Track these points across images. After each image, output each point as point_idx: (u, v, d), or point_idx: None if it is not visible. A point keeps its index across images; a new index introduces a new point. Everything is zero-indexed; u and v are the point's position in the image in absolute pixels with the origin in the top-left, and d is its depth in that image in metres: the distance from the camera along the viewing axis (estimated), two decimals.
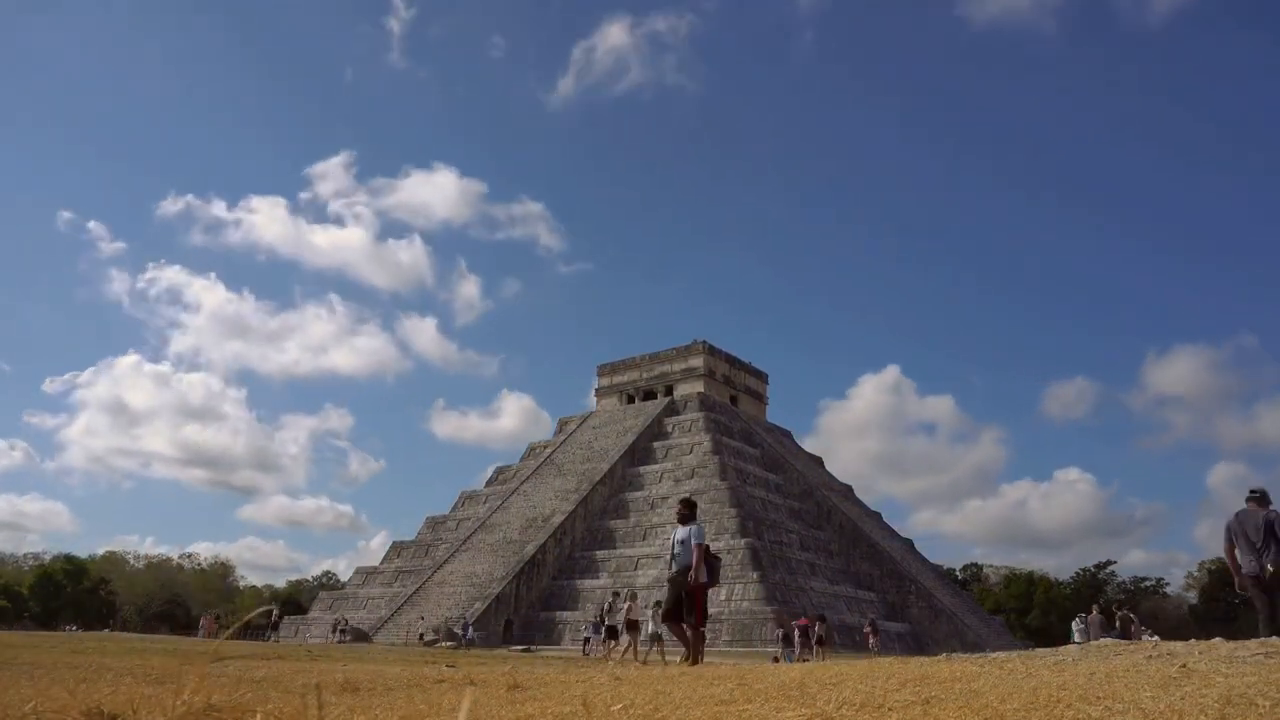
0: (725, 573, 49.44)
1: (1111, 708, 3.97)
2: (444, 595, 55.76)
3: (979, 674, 5.69)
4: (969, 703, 4.29)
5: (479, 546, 60.77)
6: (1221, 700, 3.96)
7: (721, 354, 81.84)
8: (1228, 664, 5.68)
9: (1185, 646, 7.58)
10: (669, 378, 79.58)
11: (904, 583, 59.78)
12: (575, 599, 54.10)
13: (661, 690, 5.58)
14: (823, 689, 5.16)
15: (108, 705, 3.84)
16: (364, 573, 64.44)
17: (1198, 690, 4.32)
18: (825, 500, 67.08)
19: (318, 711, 4.11)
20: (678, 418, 72.20)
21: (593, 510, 62.29)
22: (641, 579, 52.75)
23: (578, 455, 70.64)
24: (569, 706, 4.88)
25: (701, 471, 61.33)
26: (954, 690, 4.79)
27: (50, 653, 13.50)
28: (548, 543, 57.91)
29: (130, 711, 3.82)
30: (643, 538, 57.55)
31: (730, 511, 54.40)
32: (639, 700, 5.02)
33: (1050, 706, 4.06)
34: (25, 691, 5.56)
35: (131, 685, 6.49)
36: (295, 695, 5.85)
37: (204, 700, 3.40)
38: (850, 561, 61.75)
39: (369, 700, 5.74)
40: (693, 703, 4.83)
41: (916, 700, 4.49)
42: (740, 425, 74.37)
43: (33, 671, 8.51)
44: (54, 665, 9.94)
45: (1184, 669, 5.43)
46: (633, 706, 4.77)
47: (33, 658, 11.61)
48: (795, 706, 4.48)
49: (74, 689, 5.23)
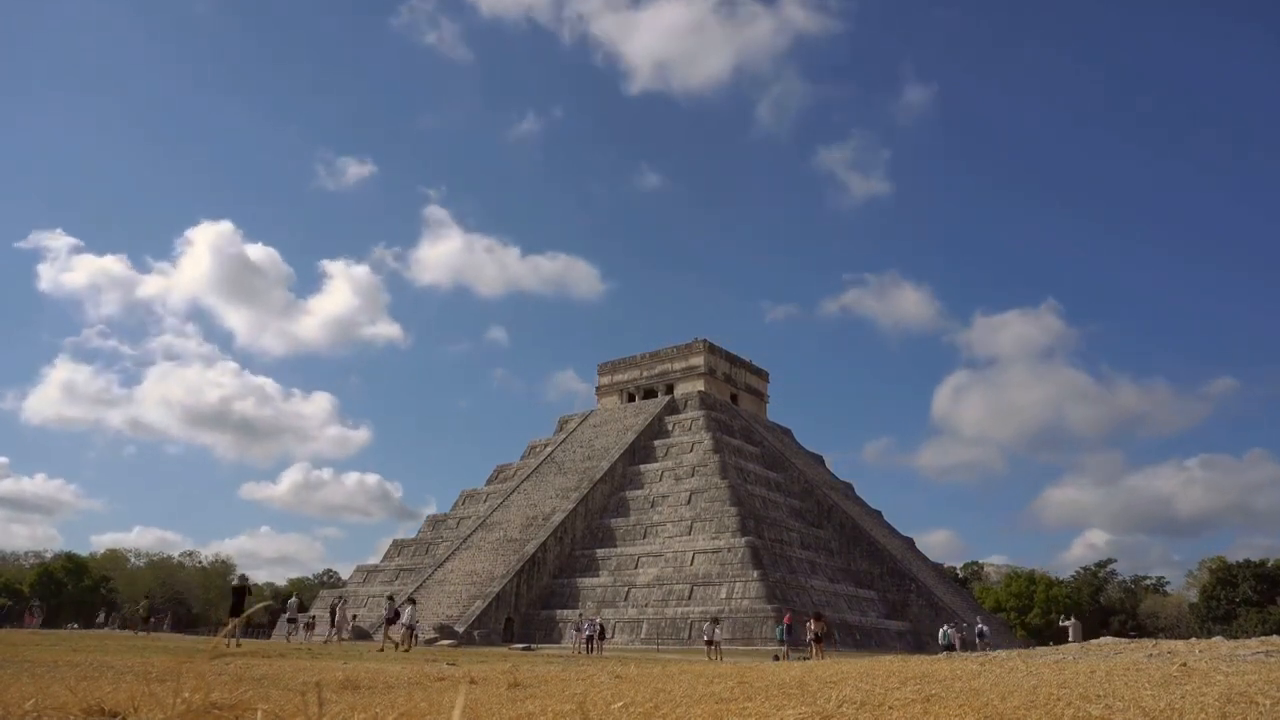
0: (726, 571, 49.54)
1: (1112, 706, 3.97)
2: (445, 593, 55.77)
3: (979, 672, 5.68)
4: (969, 701, 4.29)
5: (480, 545, 60.79)
6: (1222, 698, 3.96)
7: (722, 352, 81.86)
8: (1228, 662, 5.67)
9: (1186, 645, 7.58)
10: (669, 376, 79.59)
11: (904, 581, 59.79)
12: (575, 597, 54.13)
13: (662, 688, 5.57)
14: (823, 687, 5.15)
15: (108, 703, 3.84)
16: (365, 571, 64.48)
17: (1198, 688, 4.31)
18: (826, 498, 67.09)
19: (318, 709, 4.11)
20: (678, 416, 72.22)
21: (593, 509, 62.30)
22: (641, 577, 52.79)
23: (578, 454, 70.65)
24: (569, 705, 4.88)
25: (702, 470, 61.34)
26: (954, 688, 4.78)
27: (51, 650, 13.51)
28: (548, 541, 57.93)
29: (131, 709, 3.82)
30: (643, 536, 57.58)
31: (731, 510, 54.41)
32: (639, 698, 5.01)
33: (1050, 705, 4.06)
34: (26, 689, 5.56)
35: (132, 683, 6.49)
36: (295, 693, 5.85)
37: (204, 698, 3.40)
38: (851, 560, 61.76)
39: (369, 698, 5.74)
40: (693, 700, 4.83)
41: (917, 698, 4.48)
42: (741, 423, 74.38)
43: (34, 669, 8.51)
44: (54, 663, 9.94)
45: (1184, 667, 5.42)
46: (633, 705, 4.77)
47: (33, 655, 11.62)
48: (795, 705, 4.48)
49: (74, 686, 5.23)
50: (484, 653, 27.97)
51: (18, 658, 10.87)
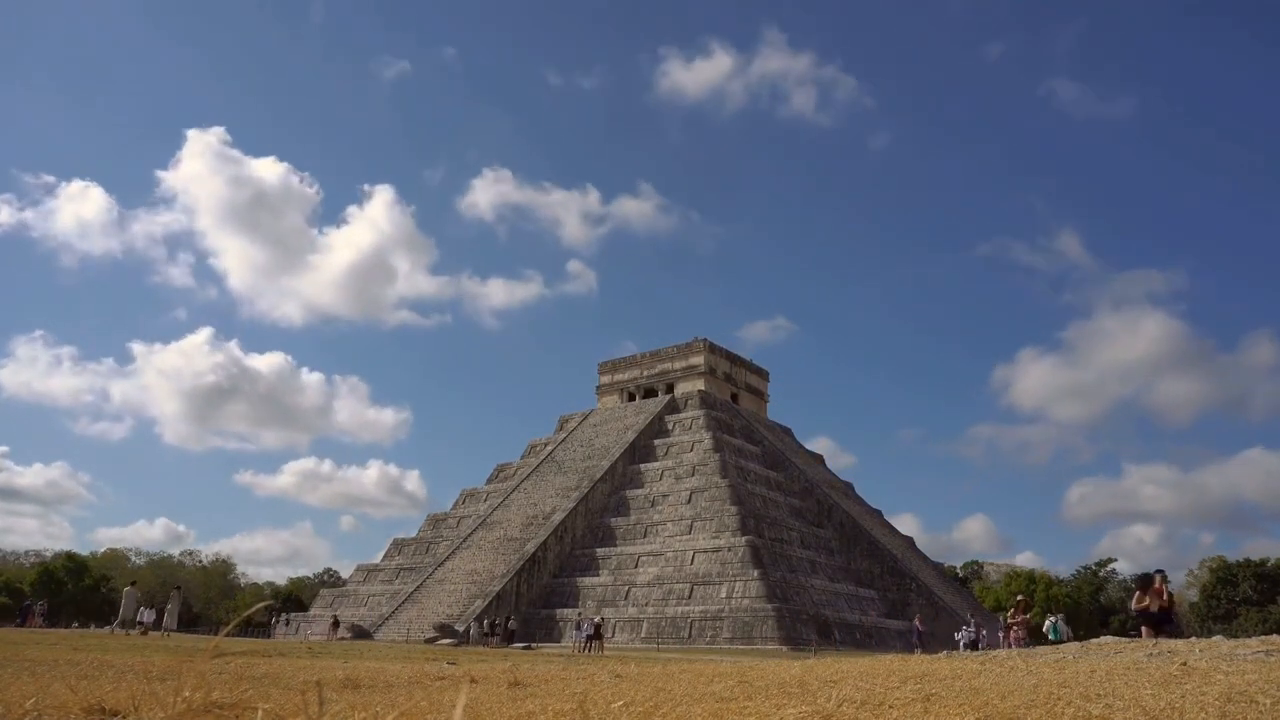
0: (726, 570, 49.53)
1: (1112, 705, 3.97)
2: (445, 593, 55.79)
3: (980, 671, 5.68)
4: (969, 700, 4.29)
5: (480, 544, 60.80)
6: (1222, 698, 3.96)
7: (722, 351, 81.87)
8: (1228, 661, 5.67)
9: (1186, 644, 7.58)
10: (670, 375, 79.60)
11: (904, 580, 59.80)
12: (576, 596, 54.14)
13: (662, 687, 5.57)
14: (823, 686, 5.15)
15: (109, 702, 3.84)
16: (365, 570, 64.50)
17: (1198, 688, 4.31)
18: (826, 498, 67.10)
19: (318, 708, 4.11)
20: (678, 415, 72.22)
21: (593, 508, 62.32)
22: (642, 576, 52.79)
23: (578, 453, 70.66)
24: (569, 704, 4.88)
25: (702, 469, 61.35)
26: (954, 688, 4.78)
27: (52, 649, 13.51)
28: (548, 540, 57.93)
29: (131, 708, 3.82)
30: (643, 535, 57.58)
31: (731, 509, 54.42)
32: (639, 697, 5.01)
33: (1050, 704, 4.06)
34: (27, 688, 5.56)
35: (133, 682, 6.49)
36: (296, 692, 5.85)
37: (204, 697, 3.40)
38: (851, 559, 61.77)
39: (369, 697, 5.74)
40: (693, 699, 4.83)
41: (917, 698, 4.48)
42: (741, 423, 74.39)
43: (34, 668, 8.51)
44: (55, 662, 9.95)
45: (1185, 667, 5.42)
46: (633, 704, 4.77)
47: (34, 654, 11.62)
48: (795, 704, 4.48)
49: (75, 685, 5.23)
50: (484, 652, 28.00)
51: (18, 657, 10.87)
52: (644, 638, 47.94)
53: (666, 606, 49.46)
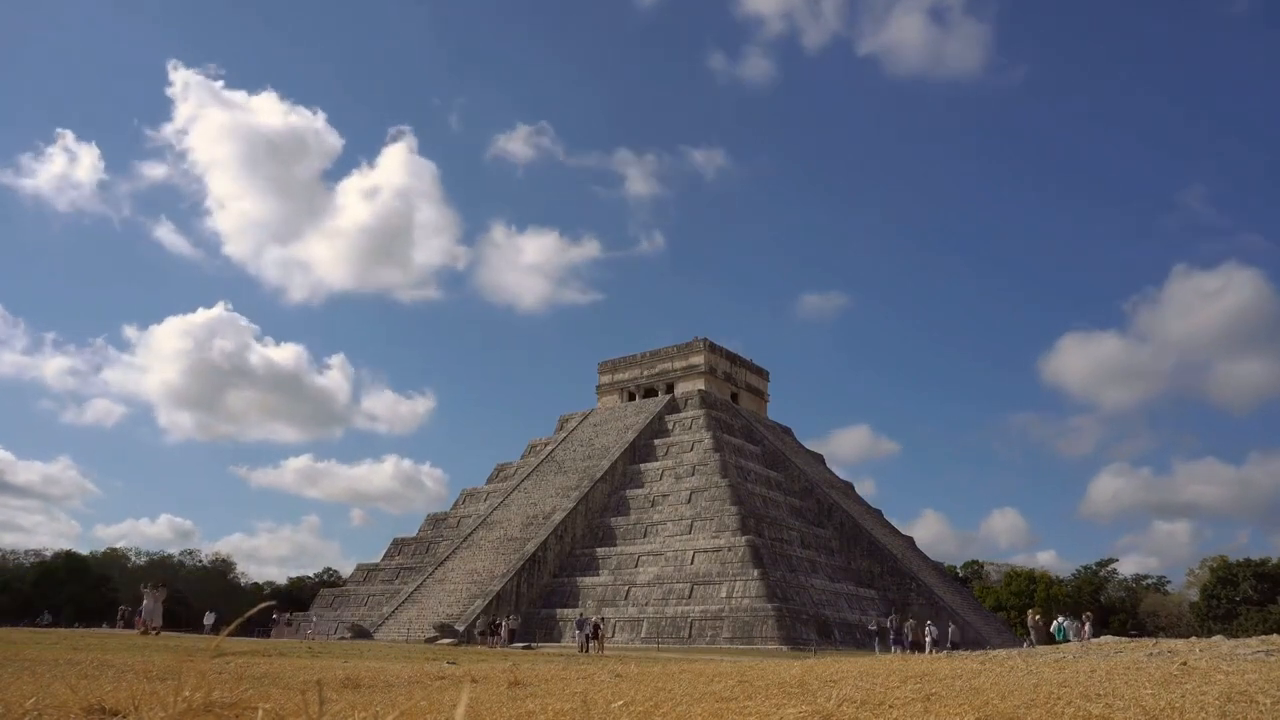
0: (726, 570, 49.55)
1: (1113, 704, 3.97)
2: (445, 592, 55.80)
3: (980, 671, 5.68)
4: (970, 700, 4.29)
5: (480, 544, 60.82)
6: (1222, 697, 3.96)
7: (722, 351, 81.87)
8: (1228, 661, 5.67)
9: (1186, 644, 7.57)
10: (670, 375, 79.61)
11: (905, 580, 59.80)
12: (576, 596, 54.15)
13: (662, 687, 5.57)
14: (823, 686, 5.15)
15: (109, 701, 3.84)
16: (365, 569, 64.51)
17: (1199, 687, 4.31)
18: (826, 498, 67.11)
19: (318, 708, 4.11)
20: (678, 415, 72.23)
21: (593, 507, 62.33)
22: (642, 576, 52.80)
23: (579, 452, 70.67)
24: (569, 703, 4.88)
25: (702, 469, 61.37)
26: (955, 687, 4.78)
27: (52, 649, 13.52)
28: (549, 540, 57.95)
29: (131, 708, 3.82)
30: (643, 535, 57.59)
31: (731, 509, 54.43)
32: (639, 697, 5.01)
33: (1051, 703, 4.06)
34: (27, 688, 5.57)
35: (133, 682, 6.50)
36: (296, 691, 5.85)
37: (204, 697, 3.40)
38: (851, 559, 61.78)
39: (370, 696, 5.74)
40: (693, 699, 4.83)
41: (917, 697, 4.48)
42: (741, 422, 74.40)
43: (34, 667, 8.52)
44: (55, 662, 9.95)
45: (1185, 666, 5.42)
46: (633, 704, 4.77)
47: (35, 654, 11.63)
48: (796, 703, 4.48)
49: (75, 685, 5.23)
50: (484, 651, 28.01)
51: (18, 656, 10.87)
52: (644, 637, 47.96)
53: (666, 606, 49.47)
